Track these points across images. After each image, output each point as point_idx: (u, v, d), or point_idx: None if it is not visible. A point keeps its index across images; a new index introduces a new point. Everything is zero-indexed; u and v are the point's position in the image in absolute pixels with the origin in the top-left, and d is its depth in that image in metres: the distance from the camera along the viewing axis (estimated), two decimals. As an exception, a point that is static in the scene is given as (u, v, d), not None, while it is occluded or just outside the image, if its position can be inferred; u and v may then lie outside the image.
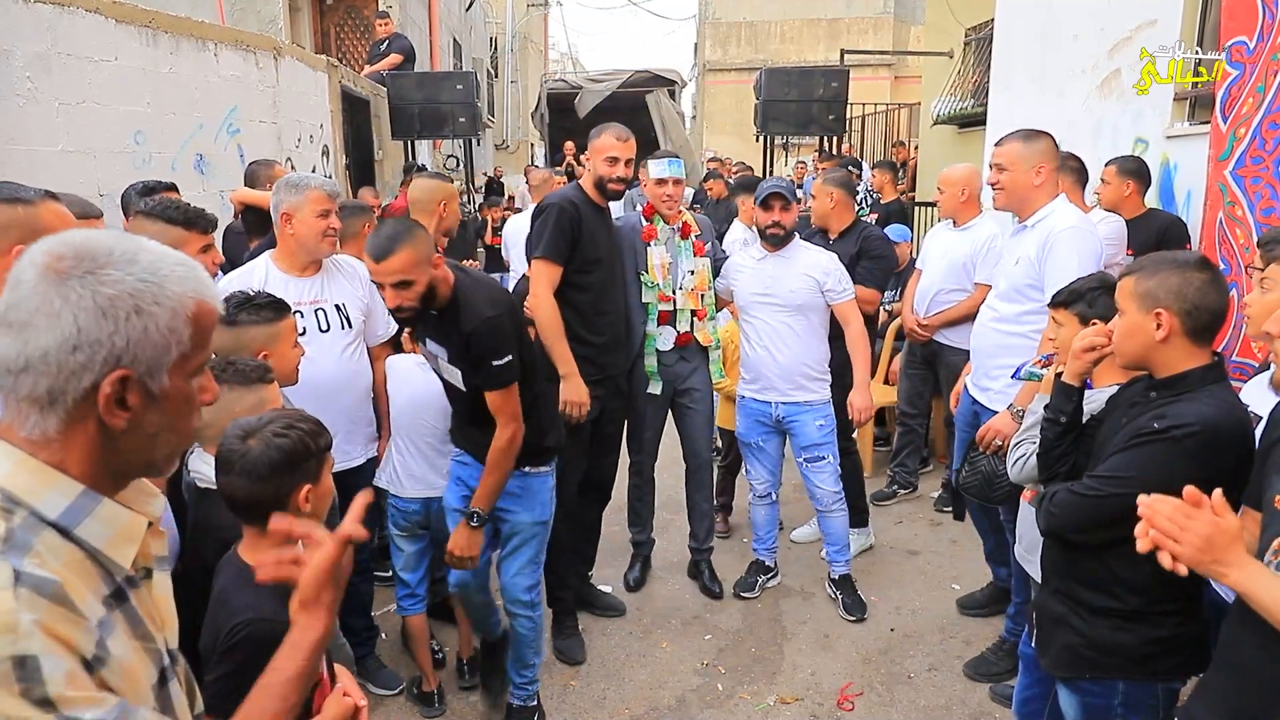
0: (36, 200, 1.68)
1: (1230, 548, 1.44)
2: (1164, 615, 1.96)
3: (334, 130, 7.59)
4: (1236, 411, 1.87)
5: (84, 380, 0.94)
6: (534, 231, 3.43)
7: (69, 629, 0.90)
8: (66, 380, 0.94)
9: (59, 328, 0.93)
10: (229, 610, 1.54)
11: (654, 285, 3.67)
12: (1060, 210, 3.19)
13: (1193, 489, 1.46)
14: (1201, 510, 1.44)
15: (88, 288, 0.93)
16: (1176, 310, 1.86)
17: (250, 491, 1.56)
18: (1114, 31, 4.89)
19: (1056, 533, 2.09)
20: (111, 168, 4.50)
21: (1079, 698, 2.08)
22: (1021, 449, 2.37)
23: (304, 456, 1.59)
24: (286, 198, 3.00)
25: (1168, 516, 1.45)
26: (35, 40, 4.04)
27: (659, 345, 3.73)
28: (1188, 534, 1.43)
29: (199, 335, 1.02)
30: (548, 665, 3.47)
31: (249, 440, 1.56)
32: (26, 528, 0.93)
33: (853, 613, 3.79)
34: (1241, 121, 3.80)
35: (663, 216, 3.70)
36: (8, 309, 0.94)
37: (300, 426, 1.61)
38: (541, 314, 3.35)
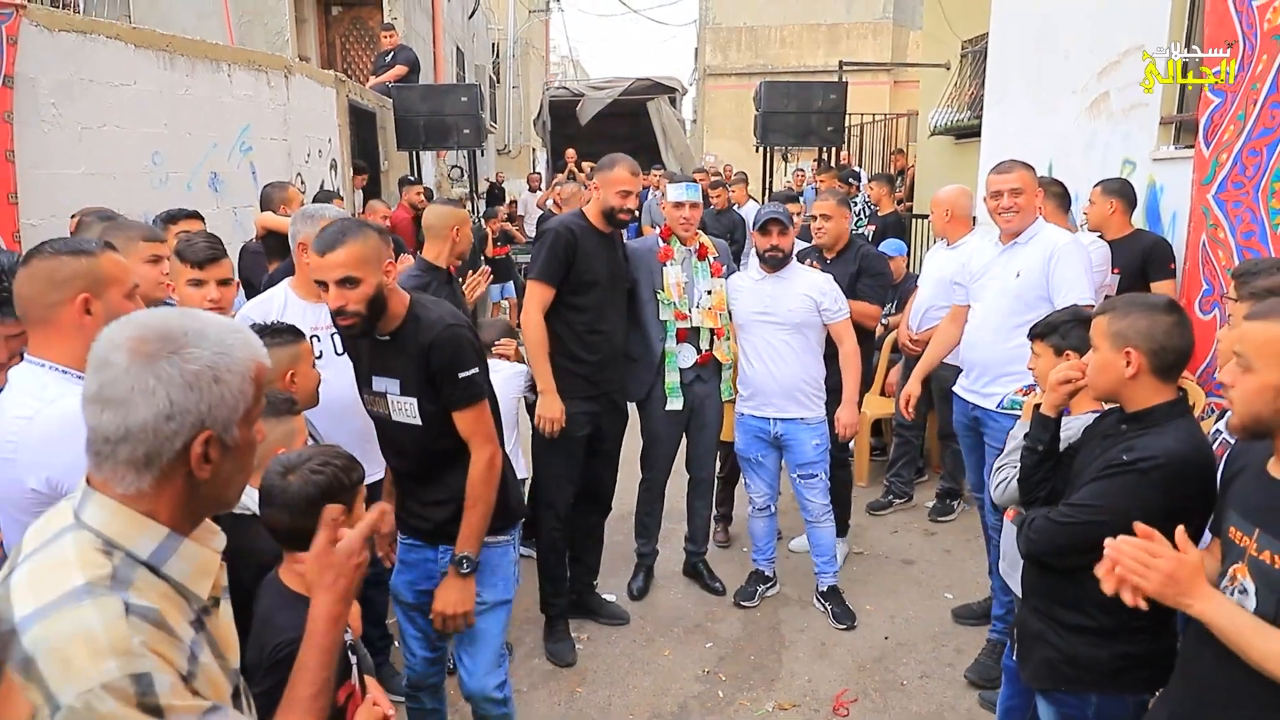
0: (97, 251, 1.82)
1: (1192, 581, 1.59)
2: (1134, 633, 2.10)
3: (342, 144, 7.74)
4: (1199, 444, 2.01)
5: (176, 444, 1.12)
6: (533, 253, 3.63)
7: (169, 649, 1.08)
8: (162, 445, 1.11)
9: (155, 402, 1.10)
10: (273, 629, 1.69)
11: (670, 303, 3.84)
12: (1050, 227, 3.52)
13: (1142, 526, 1.62)
14: (1164, 547, 1.59)
15: (175, 367, 1.11)
16: (1145, 350, 2.00)
17: (290, 524, 1.72)
18: (1103, 54, 5.02)
19: (1035, 556, 2.23)
20: (130, 189, 4.65)
21: (1056, 708, 2.22)
22: (1003, 473, 2.52)
23: (339, 490, 1.75)
24: (303, 228, 3.13)
25: (1132, 556, 1.61)
26: (59, 68, 4.19)
27: (680, 363, 3.90)
28: (1152, 571, 1.59)
29: (258, 390, 1.21)
30: (554, 674, 3.61)
31: (289, 476, 1.72)
32: (126, 567, 1.10)
33: (842, 621, 3.94)
34: (1223, 148, 3.94)
35: (680, 238, 3.87)
36: (102, 388, 1.10)
37: (335, 463, 1.76)
38: (529, 330, 3.58)
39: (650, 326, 3.86)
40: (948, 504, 5.09)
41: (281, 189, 4.50)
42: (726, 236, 6.30)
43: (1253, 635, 1.54)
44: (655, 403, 3.94)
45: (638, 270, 3.84)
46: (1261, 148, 3.75)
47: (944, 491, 5.12)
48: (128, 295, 1.84)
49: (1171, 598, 1.59)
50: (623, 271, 3.78)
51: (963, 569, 4.48)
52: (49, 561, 1.09)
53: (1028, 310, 3.38)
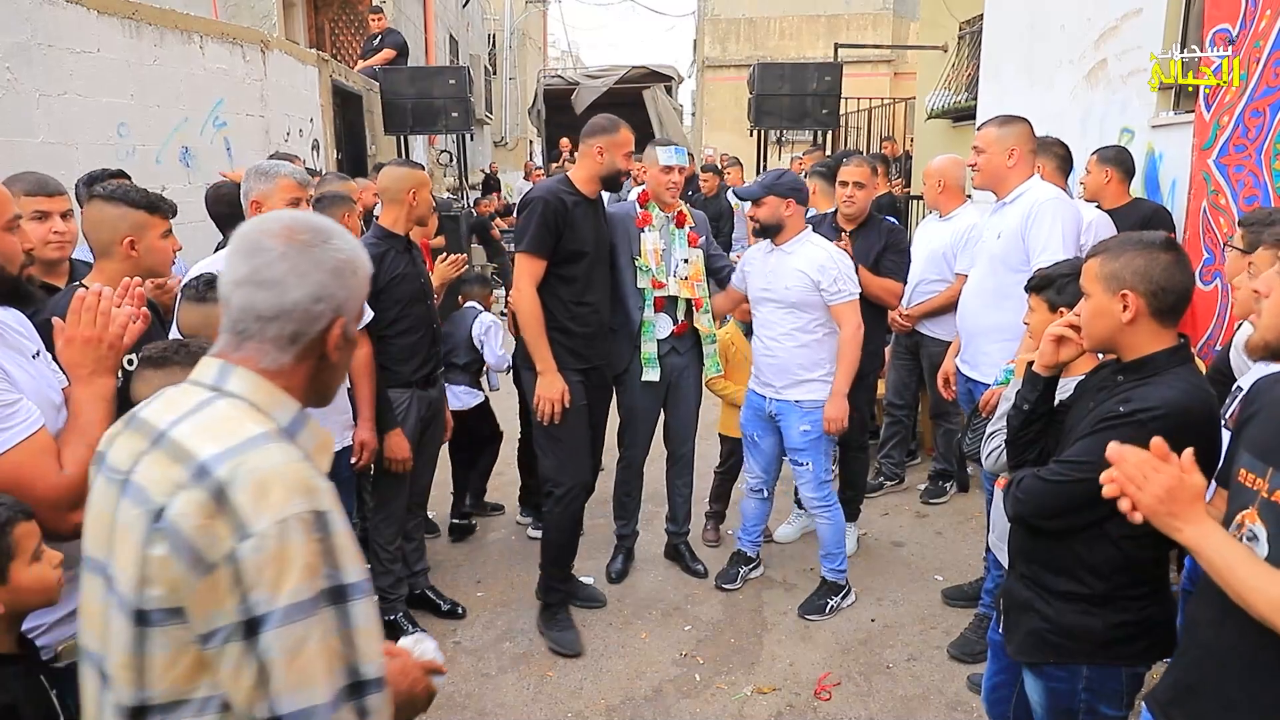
0: None
1: (1190, 504, 1.45)
2: (1129, 600, 1.95)
3: (324, 124, 7.58)
4: (1202, 394, 1.85)
5: (319, 325, 1.22)
6: (518, 225, 3.43)
7: (333, 501, 1.15)
8: (309, 324, 1.21)
9: (308, 284, 1.20)
10: None
11: (647, 269, 3.66)
12: (1038, 185, 3.28)
13: (1160, 441, 1.47)
14: (1168, 464, 1.46)
15: (326, 255, 1.22)
16: (1143, 291, 1.84)
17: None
18: (1100, 22, 4.87)
19: (1024, 518, 2.07)
20: (94, 160, 4.48)
21: (1044, 683, 2.07)
22: (995, 440, 2.35)
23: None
24: (256, 185, 2.97)
25: (1134, 464, 1.48)
26: (15, 30, 4.03)
27: (657, 333, 3.73)
28: (1150, 484, 1.46)
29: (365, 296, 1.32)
30: (524, 657, 3.46)
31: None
32: (280, 428, 1.19)
33: (807, 611, 3.73)
34: (1225, 110, 3.78)
35: (662, 203, 3.71)
36: (256, 271, 1.19)
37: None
38: (523, 308, 3.37)
39: (629, 296, 3.70)
40: (940, 486, 4.93)
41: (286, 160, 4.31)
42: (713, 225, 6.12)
43: (1242, 568, 1.40)
44: (633, 375, 3.77)
45: (615, 236, 3.68)
46: (1264, 108, 3.59)
47: (936, 473, 4.97)
48: (5, 226, 1.67)
49: (1163, 517, 1.45)
50: (607, 238, 3.62)
51: (954, 551, 4.32)
52: (214, 418, 1.16)
53: (1010, 274, 3.23)
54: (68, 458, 1.58)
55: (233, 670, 1.06)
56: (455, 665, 3.41)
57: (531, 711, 3.15)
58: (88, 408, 1.67)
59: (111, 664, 1.13)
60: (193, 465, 1.09)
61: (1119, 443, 1.52)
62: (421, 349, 3.44)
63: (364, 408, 3.24)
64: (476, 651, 3.51)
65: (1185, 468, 1.45)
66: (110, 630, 1.13)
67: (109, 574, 1.15)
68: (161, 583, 1.07)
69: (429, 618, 3.69)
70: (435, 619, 3.70)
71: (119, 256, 2.29)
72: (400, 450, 3.34)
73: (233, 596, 1.05)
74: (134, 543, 1.10)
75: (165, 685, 1.10)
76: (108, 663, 1.14)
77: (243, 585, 1.05)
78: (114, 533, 1.14)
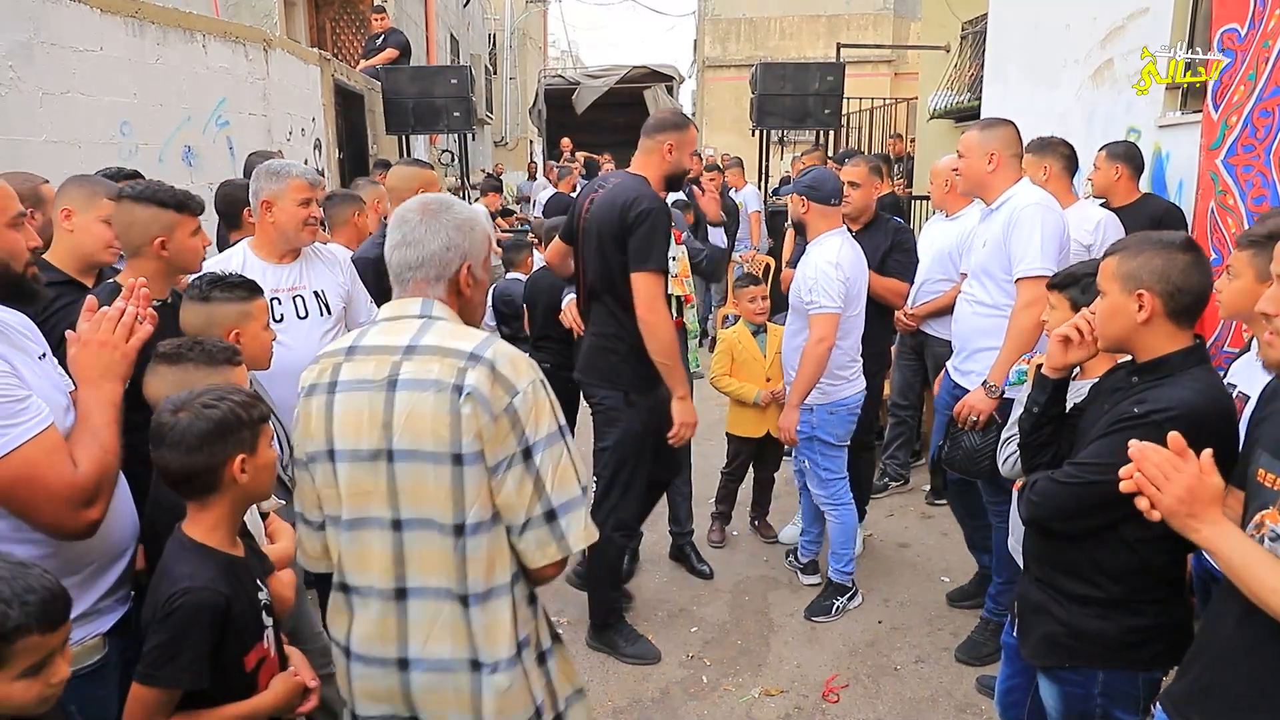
0: None
1: (1209, 504, 1.45)
2: (1145, 604, 1.93)
3: (326, 124, 7.56)
4: (1218, 395, 1.84)
5: (452, 268, 1.66)
6: (641, 238, 3.09)
7: None
8: (445, 268, 1.65)
9: (439, 239, 1.64)
10: (169, 580, 1.53)
11: None
12: (1023, 190, 3.22)
13: (1177, 435, 1.46)
14: (1188, 463, 1.45)
15: (450, 217, 1.66)
16: (1159, 292, 1.82)
17: (182, 463, 1.54)
18: (1106, 21, 4.85)
19: (1038, 521, 2.05)
20: (97, 158, 4.46)
21: (1059, 687, 2.05)
22: (1011, 445, 2.33)
23: (236, 426, 1.57)
24: (267, 185, 2.95)
25: (1155, 463, 1.47)
26: (17, 28, 4.01)
27: None
28: (1171, 483, 1.45)
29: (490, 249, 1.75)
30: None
31: (179, 413, 1.54)
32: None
33: (812, 614, 3.70)
34: (1233, 110, 3.76)
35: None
36: (405, 235, 1.65)
37: (232, 398, 1.58)
38: (664, 332, 3.14)
39: None
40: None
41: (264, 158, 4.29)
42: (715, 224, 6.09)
43: (1260, 569, 1.39)
44: None
45: None
46: (1273, 107, 3.57)
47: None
48: (10, 223, 1.65)
49: (1182, 518, 1.45)
50: None
51: (961, 552, 4.28)
52: (447, 330, 1.61)
53: (995, 283, 3.22)
54: (81, 456, 1.57)
55: (516, 487, 1.55)
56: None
57: (538, 714, 3.13)
58: (97, 411, 1.65)
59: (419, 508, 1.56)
60: (464, 355, 1.56)
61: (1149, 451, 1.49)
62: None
63: None
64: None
65: (1205, 468, 1.45)
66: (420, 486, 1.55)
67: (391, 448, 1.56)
68: (471, 431, 1.52)
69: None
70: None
71: (150, 256, 2.32)
72: None
73: (513, 434, 1.54)
74: (442, 411, 1.53)
75: (476, 507, 1.55)
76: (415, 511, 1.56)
77: (518, 426, 1.55)
78: (396, 418, 1.55)
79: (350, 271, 3.18)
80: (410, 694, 1.61)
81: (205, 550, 1.56)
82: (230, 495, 1.59)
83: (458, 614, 1.57)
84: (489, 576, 1.58)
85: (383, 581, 1.59)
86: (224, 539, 1.61)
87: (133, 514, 1.84)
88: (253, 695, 1.59)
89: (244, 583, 1.61)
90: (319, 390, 1.61)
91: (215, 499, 1.59)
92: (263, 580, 1.70)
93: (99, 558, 1.69)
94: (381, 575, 1.59)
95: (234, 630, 1.54)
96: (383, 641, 1.61)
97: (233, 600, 1.53)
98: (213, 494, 1.58)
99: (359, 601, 1.63)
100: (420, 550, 1.57)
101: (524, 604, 1.64)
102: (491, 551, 1.57)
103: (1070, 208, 3.77)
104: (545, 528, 1.57)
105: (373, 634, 1.61)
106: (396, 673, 1.61)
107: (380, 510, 1.58)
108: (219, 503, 1.59)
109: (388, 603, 1.60)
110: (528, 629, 1.65)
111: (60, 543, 1.59)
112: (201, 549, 1.56)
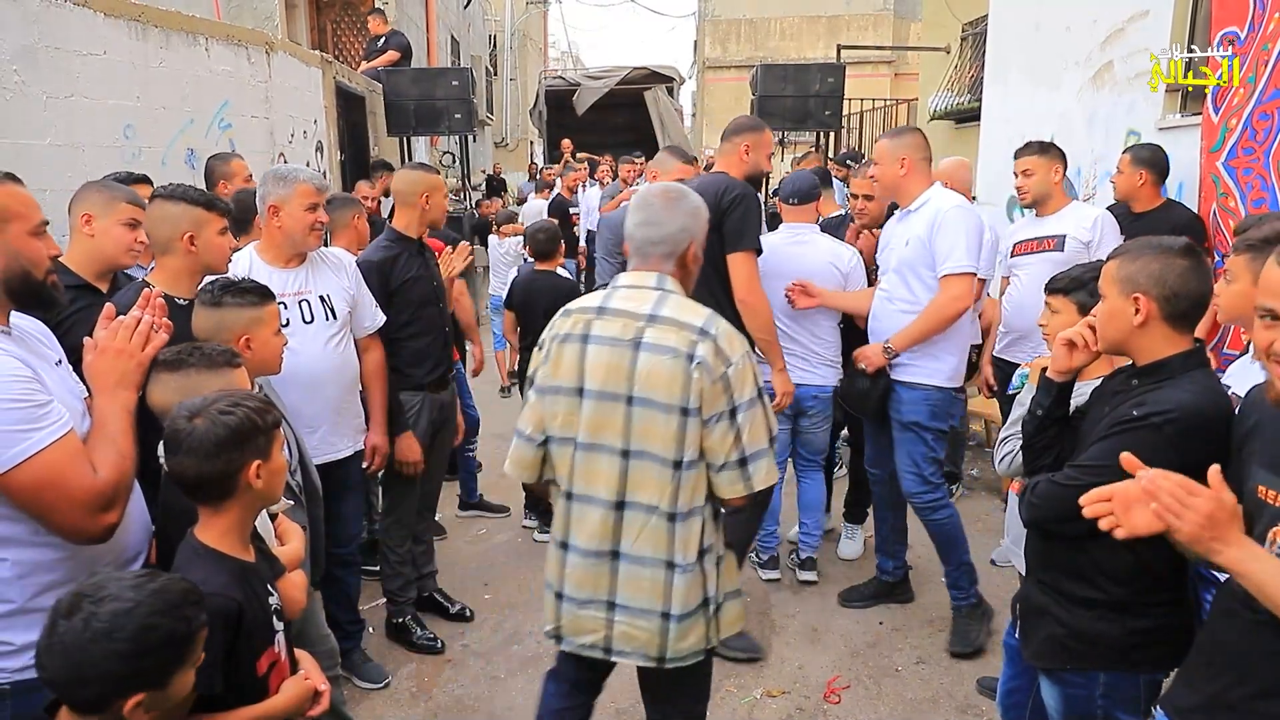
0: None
1: (1230, 525, 1.43)
2: (1147, 606, 1.94)
3: (328, 126, 7.57)
4: (1218, 397, 1.85)
5: (683, 246, 2.11)
6: (736, 220, 3.27)
7: None
8: (677, 246, 2.10)
9: (677, 222, 2.10)
10: None
11: None
12: (940, 194, 3.42)
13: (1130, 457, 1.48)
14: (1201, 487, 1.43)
15: (686, 205, 2.13)
16: (1155, 296, 1.84)
17: (199, 470, 1.55)
18: (1106, 23, 4.87)
19: (1039, 524, 2.07)
20: (100, 162, 4.47)
21: (1061, 689, 2.07)
22: (1008, 444, 2.35)
23: (252, 432, 1.58)
24: (274, 190, 2.97)
25: (1170, 493, 1.44)
26: (22, 33, 4.02)
27: None
28: (1189, 511, 1.42)
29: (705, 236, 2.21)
30: (534, 660, 3.46)
31: (195, 420, 1.56)
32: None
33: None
34: (1233, 113, 3.78)
35: None
36: (648, 216, 2.10)
37: (247, 404, 1.60)
38: (763, 308, 3.37)
39: None
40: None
41: (224, 161, 4.29)
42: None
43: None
44: None
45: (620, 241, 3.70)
46: (1273, 110, 3.59)
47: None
48: (32, 232, 1.67)
49: (1205, 543, 1.42)
50: None
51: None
52: (679, 304, 2.06)
53: (919, 280, 3.39)
54: (99, 461, 1.60)
55: (720, 437, 1.99)
56: (464, 668, 3.42)
57: (542, 715, 3.15)
58: (113, 418, 1.68)
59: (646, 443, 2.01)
60: (696, 330, 2.00)
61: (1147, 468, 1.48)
62: (433, 352, 3.44)
63: (376, 413, 3.24)
64: (485, 654, 3.51)
65: (1216, 487, 1.43)
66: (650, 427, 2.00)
67: (631, 394, 2.01)
68: (696, 391, 1.97)
69: (437, 620, 3.69)
70: (443, 621, 3.70)
71: (180, 252, 2.39)
72: (411, 453, 3.34)
73: (725, 396, 1.98)
74: (677, 372, 1.97)
75: (691, 448, 2.00)
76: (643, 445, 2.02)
77: (730, 390, 1.99)
78: (638, 372, 2.00)
79: (355, 275, 3.20)
80: (615, 580, 2.08)
81: (218, 556, 1.58)
82: (244, 501, 1.61)
83: (663, 526, 2.04)
84: (691, 500, 2.04)
85: (606, 494, 2.06)
86: (236, 544, 1.63)
87: (145, 518, 1.86)
88: (264, 699, 1.61)
89: (255, 587, 1.63)
90: (573, 339, 2.08)
91: (229, 504, 1.60)
92: (273, 584, 1.72)
93: (112, 561, 1.71)
94: (606, 489, 2.05)
95: (246, 635, 1.55)
96: (600, 539, 2.07)
97: (245, 605, 1.55)
98: (227, 499, 1.60)
99: (580, 507, 2.09)
100: (641, 475, 2.03)
101: (710, 520, 2.10)
102: (696, 482, 2.03)
103: (1066, 208, 3.86)
104: (737, 470, 2.01)
105: (594, 532, 2.07)
106: (608, 562, 2.08)
107: (613, 440, 2.04)
108: (232, 508, 1.61)
109: (608, 510, 2.06)
110: (710, 540, 2.10)
111: (76, 546, 1.61)
112: (214, 554, 1.58)
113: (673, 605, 2.05)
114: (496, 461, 5.32)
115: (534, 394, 2.14)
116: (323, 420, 3.03)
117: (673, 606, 2.05)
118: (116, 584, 1.29)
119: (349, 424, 3.19)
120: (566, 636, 2.18)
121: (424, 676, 3.38)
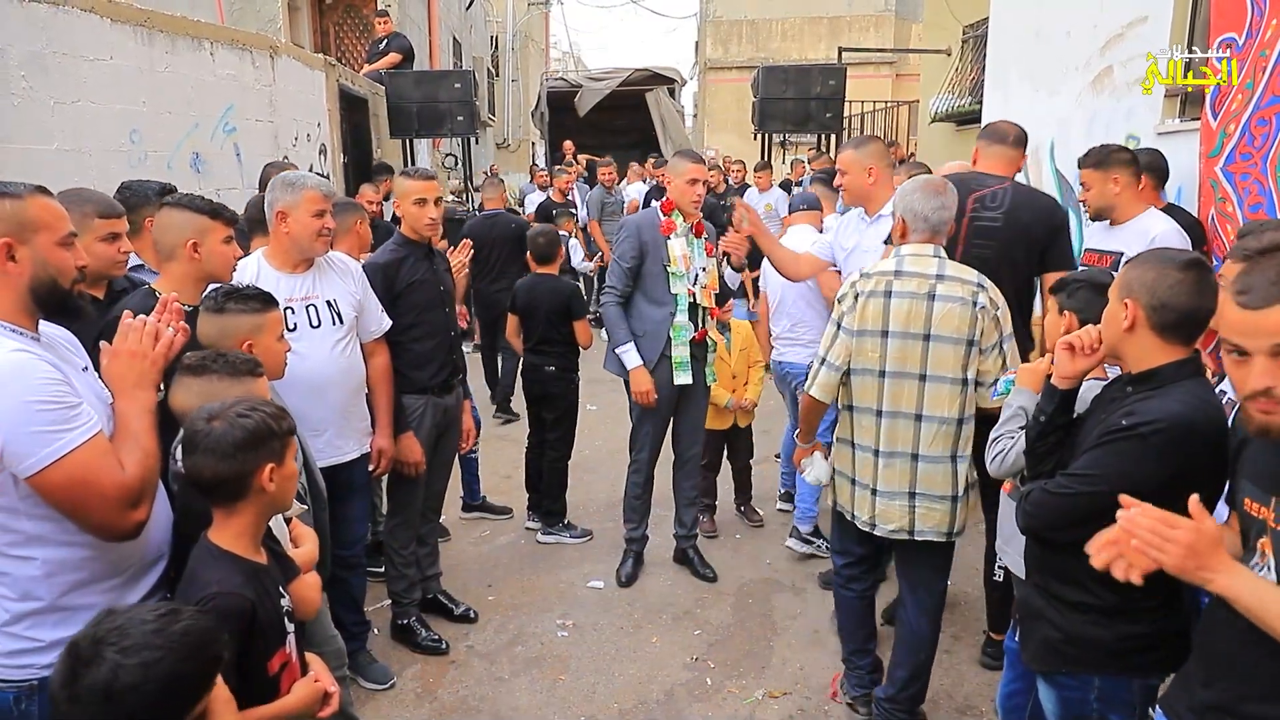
0: (24, 195, 1.70)
1: (1214, 553, 1.44)
2: (1141, 611, 1.96)
3: (332, 129, 7.61)
4: (1209, 408, 1.85)
5: (947, 224, 2.77)
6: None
7: None
8: (942, 225, 2.74)
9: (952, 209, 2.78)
10: (198, 584, 1.60)
11: (681, 275, 3.76)
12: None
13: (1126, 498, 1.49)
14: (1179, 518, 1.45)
15: (951, 193, 2.75)
16: (1144, 303, 1.85)
17: (215, 470, 1.60)
18: (1106, 28, 4.89)
19: (1034, 531, 2.10)
20: (107, 166, 4.52)
21: (1056, 692, 2.09)
22: (1000, 444, 2.37)
23: (267, 436, 1.64)
24: (283, 196, 3.00)
25: (1149, 529, 1.46)
26: (30, 39, 4.06)
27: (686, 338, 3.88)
28: (1170, 544, 1.43)
29: None
30: (536, 661, 3.49)
31: (213, 421, 1.61)
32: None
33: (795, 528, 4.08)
34: (1231, 118, 3.80)
35: (685, 214, 3.81)
36: (945, 202, 2.73)
37: (264, 409, 1.66)
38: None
39: (661, 300, 3.81)
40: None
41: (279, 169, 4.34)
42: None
43: (1277, 606, 1.40)
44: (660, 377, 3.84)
45: (644, 241, 3.77)
46: (1270, 116, 3.61)
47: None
48: (60, 243, 1.71)
49: (1192, 572, 1.44)
50: None
51: (961, 555, 4.29)
52: (955, 266, 2.73)
53: None
54: (125, 460, 1.65)
55: (992, 362, 2.66)
56: (468, 669, 3.45)
57: (545, 715, 3.18)
58: (134, 418, 1.73)
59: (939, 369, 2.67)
60: (973, 284, 2.66)
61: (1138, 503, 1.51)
62: (438, 356, 3.46)
63: (382, 416, 3.27)
64: (489, 655, 3.55)
65: (1195, 515, 1.44)
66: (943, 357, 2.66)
67: (929, 333, 2.66)
68: (978, 327, 2.64)
69: (441, 622, 3.72)
70: (448, 623, 3.73)
71: (183, 259, 2.41)
72: (412, 453, 3.36)
73: (997, 331, 2.66)
74: (964, 315, 2.63)
75: (972, 369, 2.67)
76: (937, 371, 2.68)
77: (999, 327, 2.67)
78: (935, 316, 2.65)
79: (362, 280, 3.23)
80: (915, 476, 2.73)
81: (231, 557, 1.62)
82: (257, 503, 1.66)
83: (951, 430, 2.71)
84: (968, 410, 2.71)
85: (909, 409, 2.71)
86: (248, 546, 1.67)
87: (169, 518, 1.90)
88: (275, 699, 1.65)
89: (268, 589, 1.67)
90: (877, 295, 2.70)
91: (242, 506, 1.65)
92: (284, 587, 1.76)
93: (139, 560, 1.76)
94: (909, 405, 2.71)
95: (259, 635, 1.59)
96: (904, 444, 2.73)
97: (258, 606, 1.59)
98: (241, 501, 1.64)
99: (890, 422, 2.73)
100: (935, 394, 2.69)
101: (970, 426, 2.75)
102: (974, 397, 2.70)
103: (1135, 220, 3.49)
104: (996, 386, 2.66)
105: (898, 439, 2.73)
106: (909, 463, 2.73)
107: (913, 368, 2.69)
108: (245, 510, 1.65)
109: (910, 421, 2.72)
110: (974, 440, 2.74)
111: (103, 545, 1.67)
112: (228, 556, 1.62)
113: (958, 489, 2.73)
114: (499, 463, 5.37)
115: (842, 334, 2.75)
116: (329, 423, 3.06)
117: (958, 490, 2.73)
118: (139, 629, 1.26)
119: (355, 427, 3.22)
120: (879, 524, 2.80)
121: (428, 677, 3.41)
